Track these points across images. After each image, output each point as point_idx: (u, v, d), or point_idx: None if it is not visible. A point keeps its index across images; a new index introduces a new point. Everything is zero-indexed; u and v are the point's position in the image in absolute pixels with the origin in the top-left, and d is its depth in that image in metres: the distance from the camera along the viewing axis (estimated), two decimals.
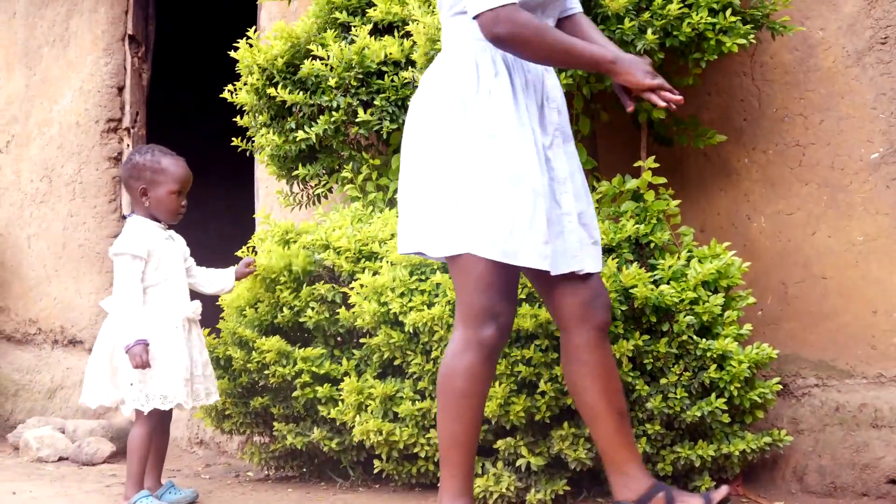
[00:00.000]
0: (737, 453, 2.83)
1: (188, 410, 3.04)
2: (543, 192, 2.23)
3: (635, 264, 2.81)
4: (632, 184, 2.98)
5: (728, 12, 2.87)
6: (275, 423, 3.22)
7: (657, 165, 2.98)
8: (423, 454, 2.95)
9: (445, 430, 2.29)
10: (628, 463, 2.42)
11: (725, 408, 2.79)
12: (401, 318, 2.88)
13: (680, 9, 2.84)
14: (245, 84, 3.47)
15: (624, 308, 2.76)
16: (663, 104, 2.23)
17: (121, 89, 4.60)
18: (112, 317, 2.94)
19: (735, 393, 2.80)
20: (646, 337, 2.76)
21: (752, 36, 2.91)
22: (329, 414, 3.01)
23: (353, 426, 2.98)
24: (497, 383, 2.79)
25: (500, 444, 2.87)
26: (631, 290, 2.74)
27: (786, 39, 3.13)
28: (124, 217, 3.11)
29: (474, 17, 2.22)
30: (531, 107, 2.30)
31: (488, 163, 2.21)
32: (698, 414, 2.77)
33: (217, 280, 3.16)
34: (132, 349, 2.81)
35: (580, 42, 2.25)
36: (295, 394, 3.08)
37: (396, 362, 2.96)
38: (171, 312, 2.94)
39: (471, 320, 2.25)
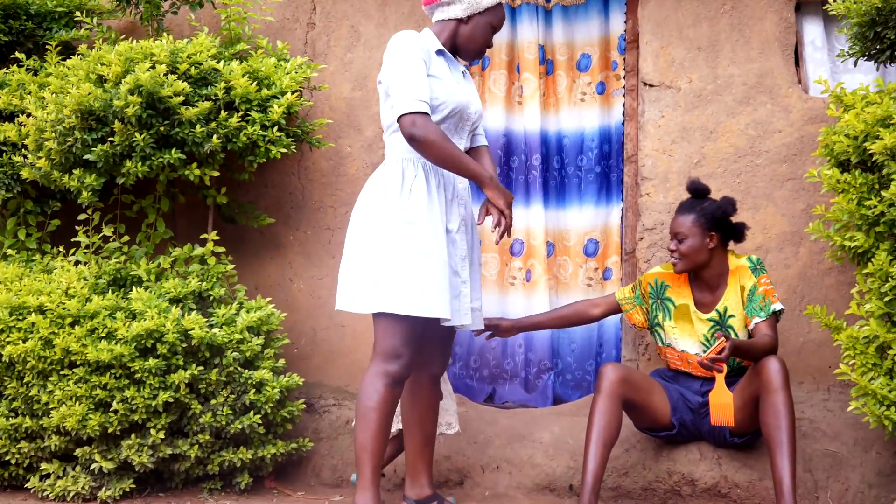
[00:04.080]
0: (269, 456, 3.75)
1: None
2: (447, 264, 3.03)
3: (195, 312, 3.67)
4: (198, 251, 3.89)
5: (275, 128, 3.83)
6: None
7: (219, 238, 3.92)
8: (13, 461, 3.63)
9: (357, 438, 3.01)
10: (421, 472, 3.31)
11: (261, 422, 3.70)
12: (0, 350, 3.56)
13: (239, 122, 3.77)
14: None
15: (184, 345, 3.60)
16: (500, 228, 3.04)
17: None
18: None
19: (269, 411, 3.71)
20: (200, 368, 3.61)
21: (293, 147, 3.92)
22: None
23: None
24: (77, 403, 3.53)
25: (78, 451, 3.60)
26: (190, 332, 3.58)
27: (324, 151, 4.24)
28: None
29: (398, 118, 2.96)
30: (441, 201, 3.08)
31: (406, 242, 2.97)
32: (240, 427, 3.64)
33: None
34: None
35: (469, 158, 3.06)
36: None
37: None
38: None
39: (382, 357, 3.01)
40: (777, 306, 3.47)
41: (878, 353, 3.16)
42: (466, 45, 3.20)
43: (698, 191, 3.57)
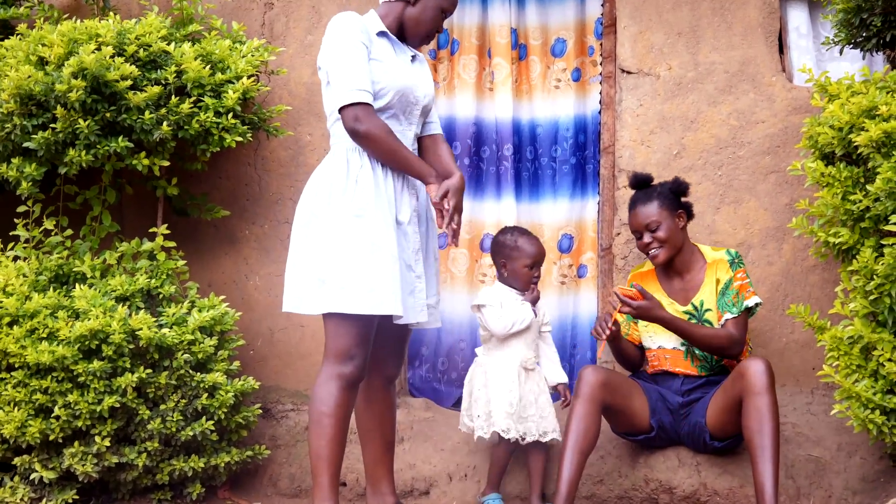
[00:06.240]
0: (223, 465, 3.56)
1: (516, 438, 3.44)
2: (398, 258, 2.84)
3: (143, 311, 3.46)
4: (147, 246, 3.67)
5: (230, 115, 3.63)
6: None
7: (168, 232, 3.70)
8: None
9: (312, 446, 2.82)
10: (383, 480, 3.11)
11: (214, 428, 3.51)
12: None
13: (191, 108, 3.57)
14: None
15: (131, 347, 3.39)
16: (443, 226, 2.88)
17: None
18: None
19: (223, 416, 3.53)
20: (149, 371, 3.40)
21: (249, 135, 3.72)
22: None
23: None
24: (16, 409, 3.31)
25: (17, 460, 3.39)
26: (138, 332, 3.37)
27: (283, 140, 4.02)
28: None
29: (339, 110, 2.80)
30: (390, 191, 2.89)
31: (354, 236, 2.79)
32: (191, 433, 3.46)
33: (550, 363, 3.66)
34: None
35: (413, 155, 2.90)
36: None
37: None
38: (512, 358, 3.50)
39: (334, 359, 2.82)
40: (750, 302, 3.38)
41: (863, 354, 3.04)
42: (414, 29, 3.01)
43: (645, 180, 3.54)
